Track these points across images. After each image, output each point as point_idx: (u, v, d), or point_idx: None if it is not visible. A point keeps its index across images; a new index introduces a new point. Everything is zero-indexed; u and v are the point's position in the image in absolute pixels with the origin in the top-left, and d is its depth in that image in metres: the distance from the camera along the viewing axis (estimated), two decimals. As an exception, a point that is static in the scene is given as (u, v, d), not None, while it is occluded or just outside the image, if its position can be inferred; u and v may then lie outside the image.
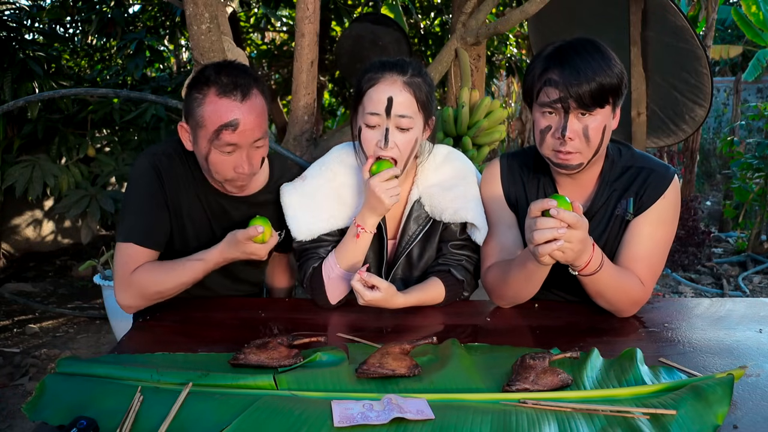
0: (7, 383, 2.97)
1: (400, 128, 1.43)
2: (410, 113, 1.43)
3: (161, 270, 1.48)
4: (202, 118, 1.40)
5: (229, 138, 1.39)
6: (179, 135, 1.51)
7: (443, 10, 5.67)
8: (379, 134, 1.44)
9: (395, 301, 1.45)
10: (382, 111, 1.42)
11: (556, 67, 1.35)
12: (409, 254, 1.60)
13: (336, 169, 1.58)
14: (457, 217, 1.55)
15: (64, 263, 4.97)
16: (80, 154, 3.92)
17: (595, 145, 1.38)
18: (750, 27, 8.11)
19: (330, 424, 0.96)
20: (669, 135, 4.13)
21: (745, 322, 1.44)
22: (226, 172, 1.45)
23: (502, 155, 1.61)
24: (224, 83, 1.40)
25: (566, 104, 1.34)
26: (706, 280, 4.77)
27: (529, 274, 1.40)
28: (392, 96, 1.41)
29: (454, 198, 1.55)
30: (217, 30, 2.26)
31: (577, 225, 1.22)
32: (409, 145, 1.45)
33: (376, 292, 1.40)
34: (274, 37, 6.69)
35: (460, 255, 1.58)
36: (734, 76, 10.18)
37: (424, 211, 1.58)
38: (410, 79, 1.44)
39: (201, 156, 1.46)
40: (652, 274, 1.45)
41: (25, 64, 3.69)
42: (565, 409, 1.02)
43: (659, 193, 1.45)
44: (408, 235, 1.58)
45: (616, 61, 1.37)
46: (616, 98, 1.38)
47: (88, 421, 0.95)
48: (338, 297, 1.53)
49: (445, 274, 1.56)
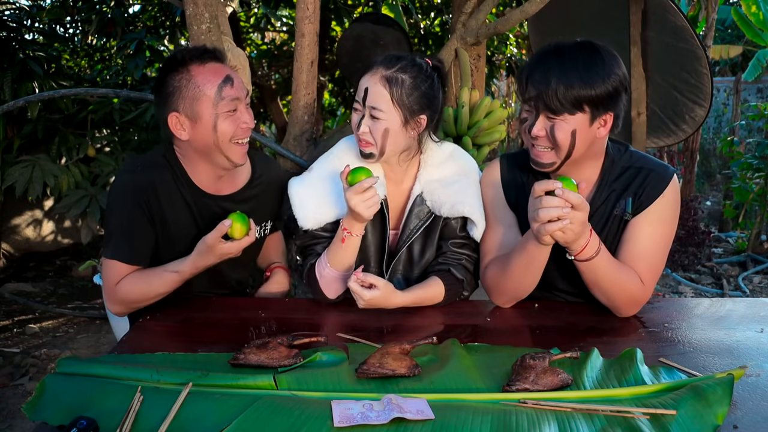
0: (7, 383, 2.97)
1: (372, 116, 1.49)
2: (381, 107, 1.47)
3: (141, 283, 1.53)
4: (197, 88, 1.45)
5: (230, 92, 1.46)
6: (171, 129, 1.49)
7: (443, 10, 5.67)
8: (358, 116, 1.52)
9: (394, 299, 1.46)
10: (360, 98, 1.50)
11: (539, 65, 1.37)
12: (410, 250, 1.62)
13: (342, 157, 1.60)
14: (454, 211, 1.56)
15: (64, 263, 4.97)
16: (80, 154, 3.91)
17: (565, 148, 1.38)
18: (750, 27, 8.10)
19: (330, 424, 0.96)
20: (669, 135, 4.13)
21: (745, 322, 1.44)
22: (235, 132, 1.49)
23: (502, 156, 1.62)
24: (200, 54, 1.48)
25: (537, 104, 1.36)
26: (706, 280, 4.77)
27: (530, 258, 1.40)
28: (368, 87, 1.48)
29: (453, 193, 1.57)
30: (217, 30, 2.26)
31: (581, 207, 1.26)
32: (378, 133, 1.49)
33: (374, 291, 1.41)
34: (274, 37, 6.68)
35: (460, 254, 1.60)
36: (734, 76, 10.18)
37: (425, 207, 1.60)
38: (393, 74, 1.47)
39: (207, 131, 1.47)
40: (652, 274, 1.45)
41: (25, 64, 3.68)
42: (565, 409, 1.02)
43: (658, 192, 1.45)
44: (409, 229, 1.60)
45: (611, 70, 1.34)
46: (596, 107, 1.35)
47: (88, 421, 0.95)
48: (335, 293, 1.55)
49: (445, 273, 1.57)
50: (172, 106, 1.47)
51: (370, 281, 1.41)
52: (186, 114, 1.47)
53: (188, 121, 1.48)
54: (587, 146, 1.41)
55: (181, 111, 1.47)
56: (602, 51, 1.37)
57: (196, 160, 1.56)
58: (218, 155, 1.52)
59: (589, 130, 1.38)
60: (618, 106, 1.38)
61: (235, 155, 1.52)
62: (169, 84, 1.47)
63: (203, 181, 1.59)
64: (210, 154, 1.52)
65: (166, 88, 1.47)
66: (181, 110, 1.47)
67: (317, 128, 2.69)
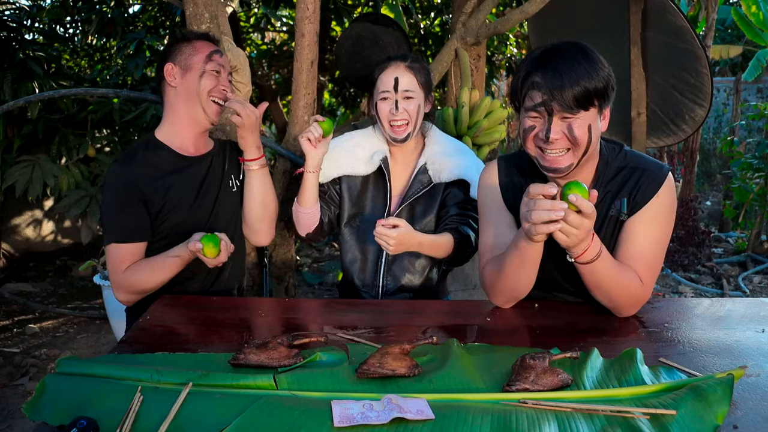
0: (7, 383, 2.97)
1: (405, 98, 1.81)
2: (412, 88, 1.82)
3: (146, 270, 1.68)
4: (194, 48, 1.75)
5: (218, 59, 1.77)
6: (165, 75, 1.75)
7: (443, 10, 5.67)
8: (390, 104, 1.81)
9: (415, 237, 1.66)
10: (391, 88, 1.81)
11: (540, 70, 1.35)
12: (412, 209, 1.87)
13: (354, 133, 1.97)
14: (452, 175, 1.85)
15: (64, 263, 4.97)
16: (80, 154, 3.92)
17: (583, 145, 1.37)
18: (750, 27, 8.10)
19: (330, 424, 0.96)
20: (669, 135, 4.13)
21: (745, 322, 1.44)
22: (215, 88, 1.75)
23: (499, 158, 1.61)
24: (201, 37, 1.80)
25: (549, 107, 1.34)
26: (706, 280, 4.77)
27: (522, 255, 1.40)
28: (398, 76, 1.80)
29: (452, 162, 1.87)
30: (217, 30, 2.26)
31: (591, 216, 1.26)
32: (414, 110, 1.82)
33: (400, 229, 1.60)
34: (274, 37, 6.68)
35: (465, 215, 1.84)
36: (734, 76, 10.18)
37: (427, 176, 1.88)
38: (411, 64, 1.83)
39: (194, 80, 1.74)
40: (650, 273, 1.45)
41: (25, 64, 3.68)
42: (565, 409, 1.02)
43: (653, 192, 1.45)
44: (412, 191, 1.87)
45: (603, 64, 1.37)
46: (602, 101, 1.37)
47: (88, 421, 0.95)
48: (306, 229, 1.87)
49: (453, 230, 1.80)
50: (170, 57, 1.76)
51: (392, 222, 1.60)
52: (180, 65, 1.75)
53: (180, 71, 1.75)
54: (597, 142, 1.42)
55: (176, 63, 1.75)
56: (590, 48, 1.39)
57: (180, 115, 1.77)
58: (197, 107, 1.75)
59: (599, 125, 1.40)
60: (612, 99, 1.41)
61: (210, 110, 1.76)
62: (173, 47, 1.78)
63: (181, 141, 1.79)
64: (191, 105, 1.75)
65: (170, 48, 1.78)
66: (177, 62, 1.75)
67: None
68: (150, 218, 1.71)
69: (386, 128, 1.83)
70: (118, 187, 1.68)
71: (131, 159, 1.72)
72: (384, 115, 1.82)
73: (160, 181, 1.72)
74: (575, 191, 1.25)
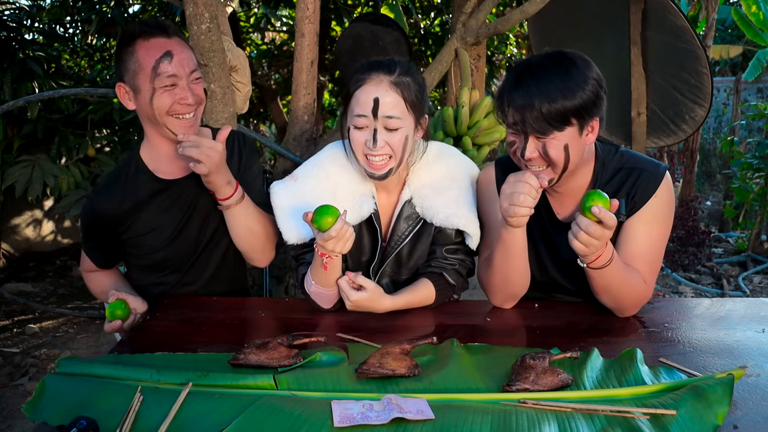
0: (7, 383, 2.97)
1: (387, 128, 1.41)
2: (398, 113, 1.41)
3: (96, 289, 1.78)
4: (137, 63, 1.48)
5: (167, 68, 1.47)
6: (119, 98, 1.55)
7: (443, 10, 5.67)
8: (367, 134, 1.42)
9: (382, 303, 1.44)
10: (368, 112, 1.40)
11: (518, 88, 1.33)
12: (399, 253, 1.58)
13: (329, 168, 1.55)
14: (448, 223, 1.54)
15: (64, 263, 4.97)
16: (80, 154, 3.92)
17: (560, 164, 1.36)
18: (750, 27, 8.10)
19: (330, 424, 0.96)
20: (669, 135, 4.13)
21: (745, 322, 1.44)
22: (173, 107, 1.50)
23: (497, 161, 1.61)
24: (148, 29, 1.49)
25: (523, 127, 1.33)
26: (706, 280, 4.77)
27: (505, 245, 1.41)
28: (378, 97, 1.39)
29: (446, 203, 1.54)
30: (217, 30, 2.26)
31: (613, 227, 1.26)
32: (400, 143, 1.43)
33: (362, 293, 1.40)
34: (274, 37, 6.68)
35: (454, 259, 1.57)
36: (734, 76, 10.17)
37: (414, 212, 1.56)
38: (398, 78, 1.41)
39: (145, 103, 1.50)
40: (652, 272, 1.46)
41: (25, 64, 3.68)
42: (565, 409, 1.02)
43: (651, 192, 1.45)
44: (397, 235, 1.56)
45: (585, 78, 1.32)
46: (582, 118, 1.34)
47: (88, 421, 0.95)
48: (329, 304, 1.51)
49: (437, 276, 1.55)
50: (120, 77, 1.53)
51: (359, 282, 1.40)
52: (129, 85, 1.52)
53: (132, 92, 1.53)
54: (580, 156, 1.40)
55: (126, 82, 1.52)
56: (574, 58, 1.35)
57: (153, 134, 1.60)
58: (161, 128, 1.54)
59: (580, 140, 1.37)
60: (601, 109, 1.37)
61: (173, 126, 1.52)
62: (119, 57, 1.53)
63: (165, 163, 1.62)
64: (155, 126, 1.56)
65: (117, 60, 1.53)
66: (126, 81, 1.52)
67: (317, 128, 2.69)
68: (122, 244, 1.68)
69: (361, 162, 1.45)
70: (88, 217, 1.67)
71: (106, 189, 1.63)
72: (358, 146, 1.44)
73: (137, 208, 1.61)
74: (597, 202, 1.24)
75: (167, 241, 1.64)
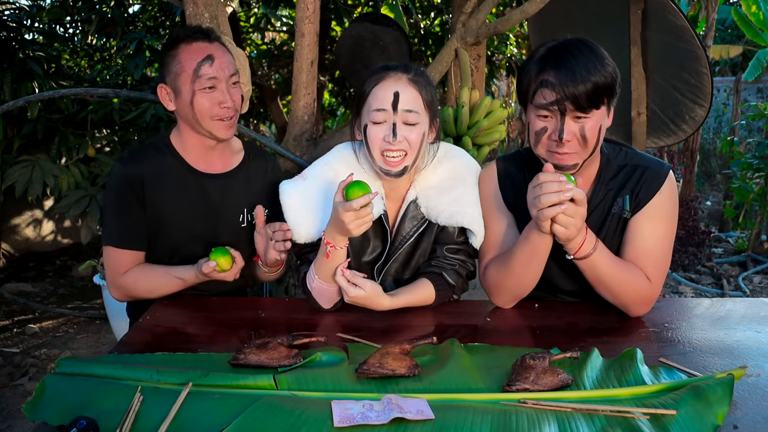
0: (7, 383, 2.97)
1: (406, 123, 1.44)
2: (417, 108, 1.44)
3: (146, 280, 1.62)
4: (180, 65, 1.55)
5: (208, 71, 1.54)
6: (160, 98, 1.61)
7: (443, 10, 5.67)
8: (386, 129, 1.44)
9: (381, 301, 1.44)
10: (388, 106, 1.43)
11: (552, 68, 1.34)
12: (403, 253, 1.59)
13: (339, 168, 1.56)
14: (453, 221, 1.54)
15: (64, 263, 4.97)
16: (80, 154, 3.91)
17: (592, 146, 1.38)
18: (750, 27, 8.10)
19: (330, 424, 0.96)
20: (669, 135, 4.13)
21: (745, 322, 1.44)
22: (212, 109, 1.57)
23: (498, 158, 1.61)
24: (191, 34, 1.58)
25: (563, 106, 1.33)
26: (706, 280, 4.77)
27: (532, 249, 1.40)
28: (398, 91, 1.43)
29: (451, 201, 1.54)
30: (217, 30, 2.26)
31: (582, 202, 1.27)
32: (417, 140, 1.45)
33: (359, 290, 1.40)
34: (274, 37, 6.68)
35: (454, 260, 1.57)
36: (734, 76, 10.17)
37: (419, 212, 1.56)
38: (414, 77, 1.46)
39: (186, 105, 1.57)
40: (658, 270, 1.45)
41: (25, 64, 3.68)
42: (565, 409, 1.02)
43: (655, 189, 1.45)
44: (402, 235, 1.57)
45: (609, 60, 1.37)
46: (611, 98, 1.38)
47: (88, 421, 0.95)
48: (329, 303, 1.51)
49: (437, 276, 1.54)
50: (162, 78, 1.61)
51: (356, 282, 1.40)
52: (171, 87, 1.59)
53: (173, 93, 1.59)
54: (601, 141, 1.42)
55: (167, 83, 1.59)
56: (594, 43, 1.38)
57: (187, 130, 1.64)
58: (200, 128, 1.60)
59: (606, 123, 1.40)
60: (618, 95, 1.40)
61: (216, 130, 1.60)
62: (163, 59, 1.61)
63: (194, 156, 1.66)
64: (195, 127, 1.60)
65: (161, 62, 1.62)
66: (168, 83, 1.59)
67: (317, 128, 2.69)
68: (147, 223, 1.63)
69: (377, 159, 1.46)
70: (118, 188, 1.60)
71: (135, 157, 1.62)
72: (376, 142, 1.44)
73: (163, 186, 1.62)
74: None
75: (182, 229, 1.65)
